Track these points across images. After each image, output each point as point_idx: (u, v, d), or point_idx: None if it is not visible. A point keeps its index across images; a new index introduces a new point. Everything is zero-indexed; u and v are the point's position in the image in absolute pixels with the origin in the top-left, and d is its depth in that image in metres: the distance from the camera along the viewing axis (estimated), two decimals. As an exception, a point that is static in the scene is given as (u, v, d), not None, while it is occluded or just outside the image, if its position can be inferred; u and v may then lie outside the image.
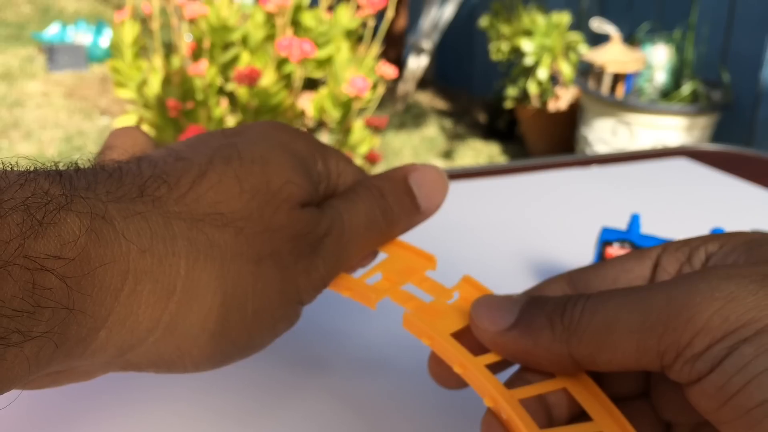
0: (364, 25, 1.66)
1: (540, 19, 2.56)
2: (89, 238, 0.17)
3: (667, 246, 0.23)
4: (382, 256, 0.26)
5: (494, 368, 0.22)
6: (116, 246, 0.18)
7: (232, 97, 1.69)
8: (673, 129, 2.25)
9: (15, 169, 0.18)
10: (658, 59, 2.35)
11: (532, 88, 2.60)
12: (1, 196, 0.16)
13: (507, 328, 0.22)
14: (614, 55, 2.33)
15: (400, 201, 0.26)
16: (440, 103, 3.38)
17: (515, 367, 0.23)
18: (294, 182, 0.23)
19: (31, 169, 0.18)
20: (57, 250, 0.17)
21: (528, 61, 2.57)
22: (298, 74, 1.61)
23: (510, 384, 0.22)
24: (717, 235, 0.22)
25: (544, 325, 0.21)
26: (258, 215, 0.22)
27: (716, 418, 0.18)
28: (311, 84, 1.81)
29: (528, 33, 2.57)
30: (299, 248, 0.23)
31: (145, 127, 1.72)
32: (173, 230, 0.20)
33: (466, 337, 0.23)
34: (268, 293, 0.22)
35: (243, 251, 0.21)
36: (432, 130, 3.00)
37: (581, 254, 0.43)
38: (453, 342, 0.22)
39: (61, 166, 0.20)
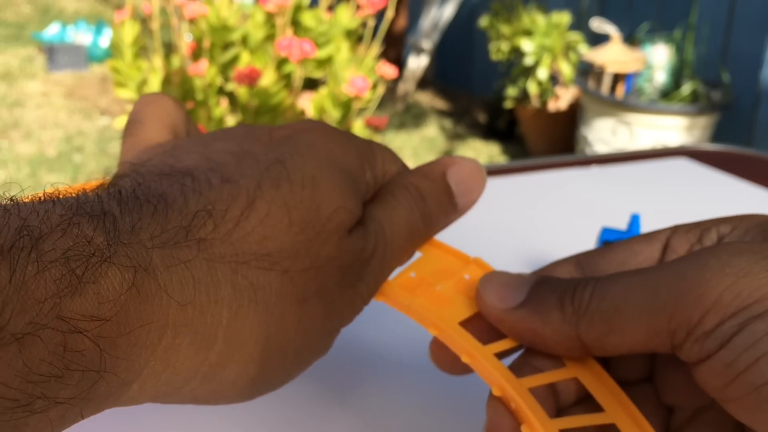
0: (364, 25, 1.66)
1: (540, 19, 2.56)
2: (130, 294, 0.16)
3: (677, 228, 0.22)
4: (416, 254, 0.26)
5: (502, 356, 0.22)
6: (157, 301, 0.17)
7: (232, 97, 1.69)
8: (673, 129, 2.25)
9: (59, 198, 0.17)
10: (658, 59, 2.35)
11: (532, 88, 2.60)
12: (41, 246, 0.15)
13: (515, 306, 0.21)
14: (614, 55, 2.33)
15: (439, 201, 0.25)
16: (440, 103, 3.38)
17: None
18: (345, 207, 0.21)
19: (74, 206, 0.17)
20: (94, 309, 0.15)
21: (528, 61, 2.57)
22: (298, 74, 1.61)
23: (516, 369, 0.22)
24: (729, 218, 0.22)
25: (554, 306, 0.21)
26: (305, 250, 0.20)
27: (723, 396, 0.18)
28: (311, 84, 1.81)
29: (528, 33, 2.57)
30: (346, 280, 0.21)
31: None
32: (217, 276, 0.19)
33: (474, 324, 0.22)
34: (311, 331, 0.21)
35: (288, 292, 0.20)
36: (432, 130, 3.00)
37: (581, 254, 0.43)
38: (460, 331, 0.22)
39: (104, 195, 0.18)
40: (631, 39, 2.50)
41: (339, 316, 0.22)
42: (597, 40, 2.58)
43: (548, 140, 2.69)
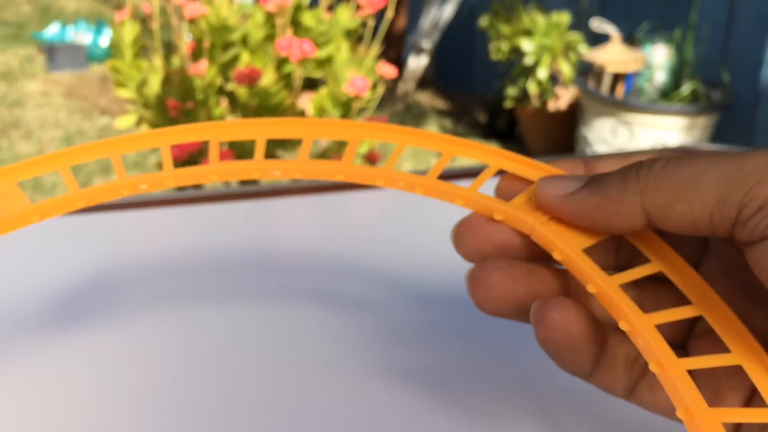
0: (364, 25, 1.66)
1: (540, 19, 2.56)
2: None
3: None
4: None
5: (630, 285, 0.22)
6: None
7: (232, 97, 1.69)
8: (673, 129, 2.25)
9: None
10: (658, 59, 2.35)
11: (532, 88, 2.60)
12: None
13: (576, 190, 0.22)
14: (614, 55, 2.33)
15: None
16: (440, 103, 3.38)
17: None
18: None
19: None
20: None
21: (528, 60, 2.57)
22: (298, 74, 1.61)
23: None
24: None
25: (616, 180, 0.21)
26: None
27: None
28: (311, 84, 1.81)
29: (528, 33, 2.57)
30: None
31: (145, 127, 1.72)
32: None
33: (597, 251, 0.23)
34: None
35: None
36: (432, 130, 3.00)
37: (581, 255, 0.43)
38: (586, 258, 0.22)
39: None
40: (631, 39, 2.50)
41: None
42: (597, 40, 2.58)
43: (548, 140, 2.69)
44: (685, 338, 0.23)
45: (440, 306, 0.35)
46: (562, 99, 2.64)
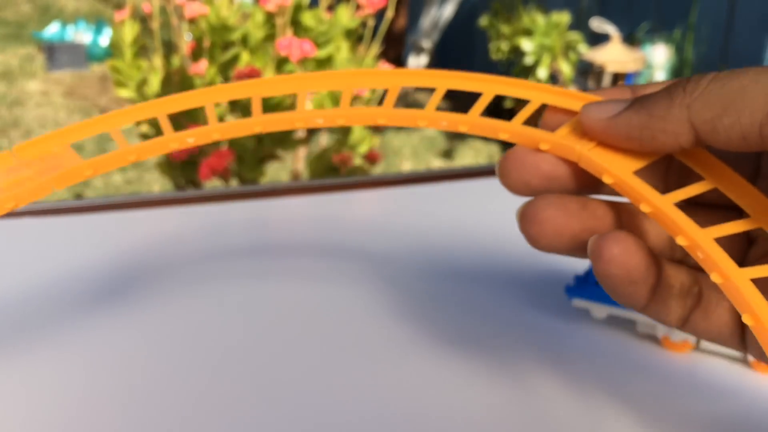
0: (364, 24, 1.66)
1: (540, 19, 2.56)
2: None
3: None
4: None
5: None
6: None
7: (232, 96, 1.69)
8: (672, 129, 2.26)
9: None
10: (657, 59, 2.35)
11: (532, 88, 2.60)
12: None
13: (621, 111, 0.21)
14: (614, 55, 2.33)
15: None
16: (440, 103, 3.37)
17: None
18: None
19: None
20: None
21: (528, 60, 2.57)
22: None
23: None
24: None
25: (661, 97, 0.20)
26: None
27: None
28: (311, 84, 1.81)
29: (528, 32, 2.57)
30: None
31: (145, 127, 1.72)
32: None
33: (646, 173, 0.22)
34: None
35: None
36: (432, 130, 3.00)
37: (581, 255, 0.43)
38: (636, 180, 0.21)
39: None
40: (630, 39, 2.50)
41: None
42: (597, 39, 2.58)
43: (548, 140, 2.69)
44: (740, 263, 0.23)
45: (450, 301, 0.35)
46: (562, 99, 2.64)
